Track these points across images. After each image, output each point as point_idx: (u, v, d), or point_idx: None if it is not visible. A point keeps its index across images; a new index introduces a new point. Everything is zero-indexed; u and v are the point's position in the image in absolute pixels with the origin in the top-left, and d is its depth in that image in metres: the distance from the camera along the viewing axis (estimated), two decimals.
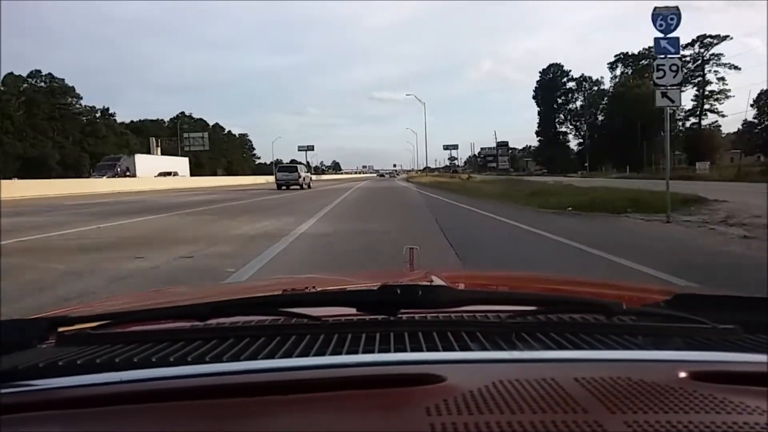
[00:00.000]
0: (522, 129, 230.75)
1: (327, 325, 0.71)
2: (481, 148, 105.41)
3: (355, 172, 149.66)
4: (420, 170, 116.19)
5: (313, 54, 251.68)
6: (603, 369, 0.57)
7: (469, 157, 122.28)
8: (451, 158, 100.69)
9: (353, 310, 0.75)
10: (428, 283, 1.13)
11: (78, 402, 0.54)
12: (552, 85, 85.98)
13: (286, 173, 33.58)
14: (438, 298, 0.73)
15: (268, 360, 0.62)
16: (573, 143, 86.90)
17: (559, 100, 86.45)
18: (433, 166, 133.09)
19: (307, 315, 0.72)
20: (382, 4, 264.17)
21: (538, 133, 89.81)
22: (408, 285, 0.76)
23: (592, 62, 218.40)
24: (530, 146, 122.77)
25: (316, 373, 0.57)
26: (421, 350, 0.64)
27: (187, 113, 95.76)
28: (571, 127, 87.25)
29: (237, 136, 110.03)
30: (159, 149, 59.55)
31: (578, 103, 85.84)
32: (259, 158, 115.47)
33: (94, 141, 68.62)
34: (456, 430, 0.44)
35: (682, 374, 0.56)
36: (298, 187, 32.10)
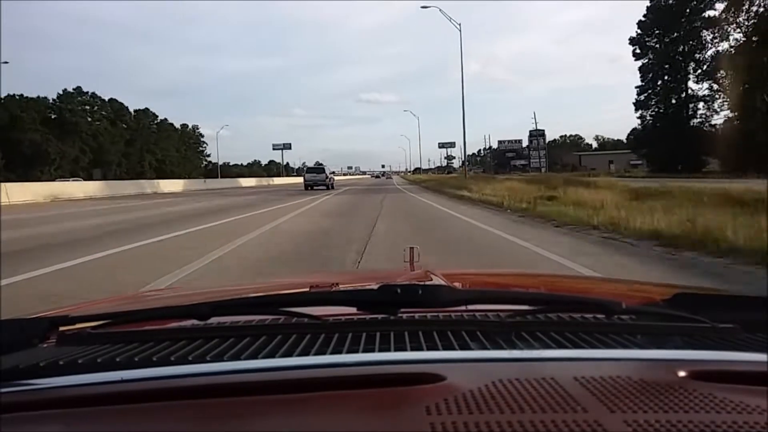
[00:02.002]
0: (519, 128, 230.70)
1: (327, 325, 0.72)
2: (500, 141, 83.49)
3: (344, 174, 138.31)
4: (412, 171, 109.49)
5: (298, 56, 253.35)
6: (603, 368, 0.57)
7: (473, 154, 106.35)
8: (448, 157, 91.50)
9: (353, 310, 0.75)
10: (428, 283, 1.13)
11: (79, 401, 0.54)
12: (676, 15, 43.09)
13: (313, 174, 34.55)
14: (438, 297, 0.73)
15: (269, 359, 0.62)
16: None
17: (688, 44, 43.32)
18: (426, 166, 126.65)
19: (308, 314, 0.72)
20: (369, 6, 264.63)
21: (638, 105, 47.16)
22: (408, 284, 0.76)
23: (582, 63, 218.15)
24: (601, 137, 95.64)
25: (316, 372, 0.57)
26: (421, 349, 0.64)
27: (88, 90, 70.90)
28: (717, 88, 41.71)
29: (178, 127, 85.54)
30: None
31: (729, 42, 38.33)
32: (209, 155, 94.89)
33: None
34: (456, 430, 0.44)
35: (682, 373, 0.56)
36: (324, 187, 32.57)
